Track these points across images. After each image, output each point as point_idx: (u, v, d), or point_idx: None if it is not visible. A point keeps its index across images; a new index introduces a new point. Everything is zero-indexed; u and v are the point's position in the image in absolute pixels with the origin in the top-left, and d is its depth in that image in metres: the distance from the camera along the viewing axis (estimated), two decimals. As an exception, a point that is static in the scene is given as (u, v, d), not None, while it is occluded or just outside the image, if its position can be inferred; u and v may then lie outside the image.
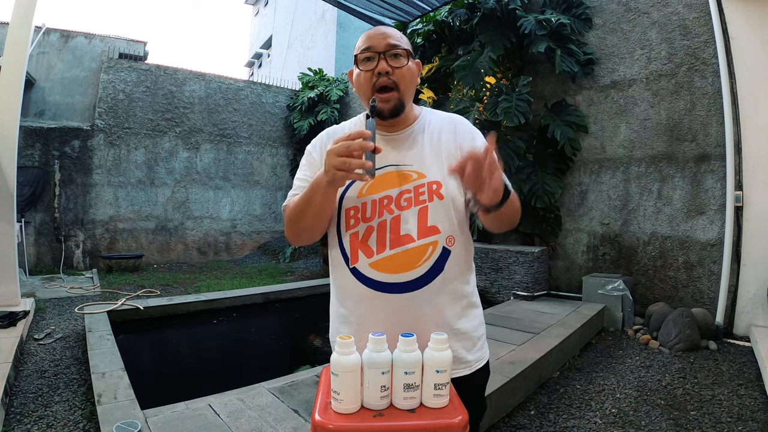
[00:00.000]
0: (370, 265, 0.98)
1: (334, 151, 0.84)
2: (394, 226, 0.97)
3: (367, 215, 0.99)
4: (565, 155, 4.68)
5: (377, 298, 0.97)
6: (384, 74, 0.98)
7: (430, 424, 0.82)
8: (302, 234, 1.03)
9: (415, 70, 1.04)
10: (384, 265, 0.97)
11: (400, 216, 0.98)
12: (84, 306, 4.04)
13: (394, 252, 0.96)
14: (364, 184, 1.00)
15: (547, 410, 2.41)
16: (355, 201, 1.00)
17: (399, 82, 0.99)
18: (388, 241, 0.97)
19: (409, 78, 1.01)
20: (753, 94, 3.53)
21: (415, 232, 0.97)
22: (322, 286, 5.44)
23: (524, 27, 4.44)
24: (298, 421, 1.94)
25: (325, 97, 8.69)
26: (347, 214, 1.01)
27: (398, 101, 1.00)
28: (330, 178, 0.86)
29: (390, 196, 0.99)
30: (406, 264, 0.96)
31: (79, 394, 2.46)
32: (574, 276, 4.74)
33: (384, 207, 0.99)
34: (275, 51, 16.77)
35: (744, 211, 3.57)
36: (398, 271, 0.96)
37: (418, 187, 0.99)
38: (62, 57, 8.55)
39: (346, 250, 1.01)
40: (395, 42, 1.00)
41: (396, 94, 0.99)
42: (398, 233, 0.97)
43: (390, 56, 0.99)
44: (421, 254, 0.97)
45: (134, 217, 7.69)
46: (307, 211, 0.97)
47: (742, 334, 3.52)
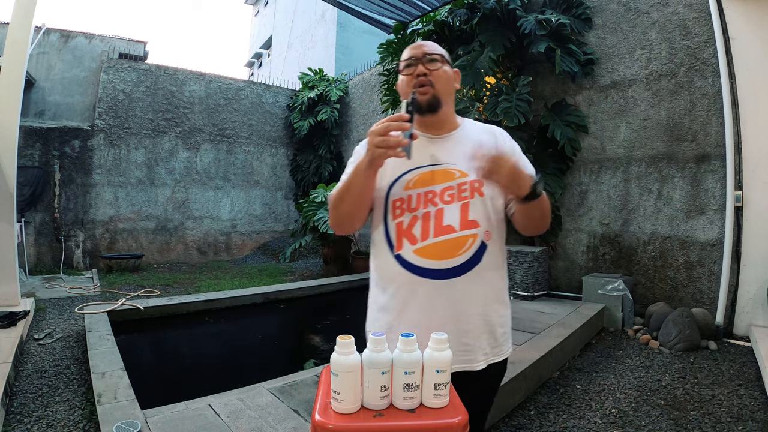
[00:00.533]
0: (414, 251, 1.07)
1: (375, 131, 0.95)
2: (438, 217, 1.07)
3: (412, 206, 1.09)
4: (565, 155, 4.68)
5: (419, 283, 1.06)
6: (422, 75, 1.11)
7: (430, 424, 0.82)
8: (343, 220, 1.13)
9: (450, 74, 1.17)
10: (427, 252, 1.06)
11: (443, 209, 1.07)
12: (84, 306, 4.04)
13: (438, 240, 1.06)
14: (411, 178, 1.11)
15: (547, 410, 2.41)
16: (401, 193, 1.11)
17: (435, 82, 1.12)
18: (432, 230, 1.06)
19: (444, 79, 1.14)
20: (753, 94, 3.53)
21: (457, 224, 1.06)
22: (322, 286, 5.45)
23: (524, 27, 4.44)
24: (298, 421, 1.94)
25: (325, 97, 8.69)
26: (393, 205, 1.11)
27: (433, 96, 1.11)
28: (370, 156, 0.96)
29: (434, 191, 1.09)
30: (448, 252, 1.05)
31: (79, 394, 2.46)
32: (574, 276, 4.74)
33: (428, 200, 1.08)
34: (275, 51, 16.77)
35: (744, 211, 3.57)
36: (440, 258, 1.05)
37: (461, 184, 1.09)
38: (62, 57, 8.55)
39: (391, 238, 1.10)
40: (430, 50, 1.15)
41: (431, 89, 1.11)
42: (441, 224, 1.06)
43: (427, 61, 1.13)
44: (461, 244, 1.06)
45: (134, 217, 7.69)
46: (346, 196, 1.07)
47: (742, 334, 3.51)
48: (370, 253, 1.21)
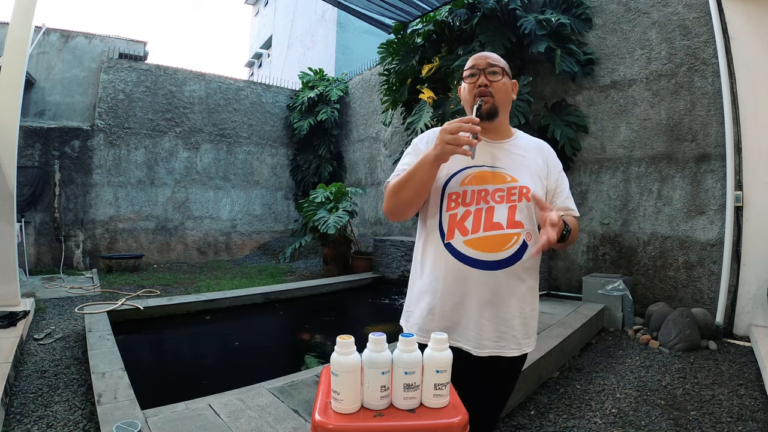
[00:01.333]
0: (464, 242, 1.16)
1: (448, 129, 1.06)
2: (489, 214, 1.17)
3: (467, 201, 1.19)
4: (565, 155, 4.68)
5: (465, 271, 1.16)
6: (483, 86, 1.22)
7: (430, 424, 0.82)
8: (399, 208, 1.23)
9: (509, 86, 1.27)
10: (476, 244, 1.16)
11: (494, 207, 1.17)
12: (84, 306, 4.04)
13: (487, 234, 1.16)
14: (467, 175, 1.21)
15: (547, 410, 2.41)
16: (457, 188, 1.21)
17: (495, 93, 1.23)
18: (483, 224, 1.16)
19: (504, 91, 1.25)
20: (753, 94, 3.53)
21: (505, 222, 1.17)
22: (322, 286, 5.44)
23: (524, 27, 4.44)
24: (298, 421, 1.94)
25: (325, 97, 8.69)
26: (449, 198, 1.21)
27: (493, 105, 1.23)
28: (439, 150, 1.07)
29: (487, 189, 1.19)
30: (495, 246, 1.15)
31: (79, 394, 2.46)
32: (574, 276, 4.74)
33: (481, 197, 1.19)
34: (275, 51, 16.76)
35: (744, 211, 3.57)
36: (488, 251, 1.15)
37: (511, 188, 1.19)
38: (62, 57, 8.54)
39: (444, 228, 1.20)
40: (493, 62, 1.25)
41: (491, 99, 1.22)
42: (491, 220, 1.16)
43: (489, 72, 1.23)
44: (507, 240, 1.16)
45: (134, 217, 7.70)
46: (408, 185, 1.17)
47: (742, 334, 3.52)
48: (416, 240, 1.31)
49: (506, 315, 1.17)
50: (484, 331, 1.16)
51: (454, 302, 1.18)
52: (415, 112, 5.41)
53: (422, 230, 1.28)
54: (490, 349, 1.17)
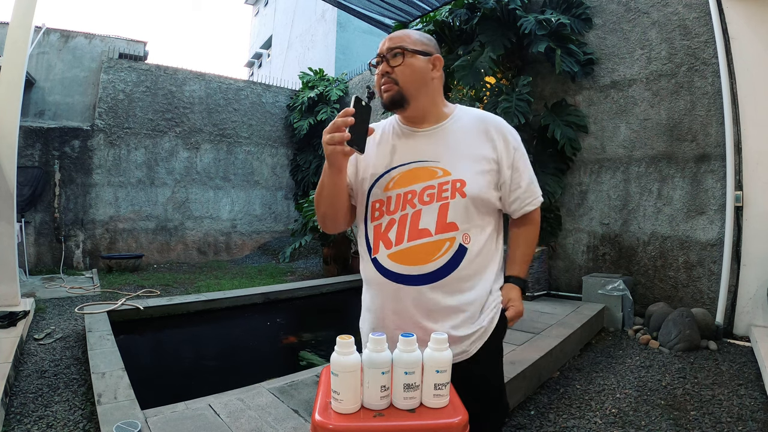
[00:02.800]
0: (388, 256, 1.03)
1: (326, 129, 0.94)
2: (414, 220, 1.02)
3: (391, 208, 1.05)
4: (565, 155, 4.68)
5: (393, 288, 1.03)
6: (384, 74, 1.08)
7: (430, 424, 0.82)
8: (325, 220, 1.13)
9: (419, 65, 1.08)
10: (401, 257, 1.02)
11: (421, 210, 1.03)
12: (84, 306, 4.04)
13: (411, 245, 1.01)
14: (390, 179, 1.07)
15: (547, 410, 2.41)
16: (381, 195, 1.07)
17: (398, 78, 1.06)
18: (407, 234, 1.02)
19: (409, 73, 1.07)
20: (753, 94, 3.52)
21: (433, 227, 1.02)
22: (322, 286, 5.44)
23: (524, 27, 4.44)
24: (298, 421, 1.94)
25: (325, 97, 8.68)
26: (373, 207, 1.08)
27: (396, 92, 1.07)
28: (327, 155, 0.95)
29: (414, 191, 1.04)
30: (422, 257, 1.01)
31: (79, 394, 2.46)
32: (574, 276, 4.74)
33: (407, 201, 1.04)
34: (275, 51, 16.76)
35: (744, 211, 3.57)
36: (414, 263, 1.01)
37: (443, 183, 1.03)
38: (62, 57, 8.55)
39: (369, 241, 1.08)
40: (393, 44, 1.08)
41: (394, 86, 1.07)
42: (417, 227, 1.02)
43: (391, 56, 1.07)
44: (437, 249, 1.01)
45: (134, 217, 7.69)
46: (321, 197, 1.07)
47: (742, 334, 3.51)
48: None
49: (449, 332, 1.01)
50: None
51: (391, 322, 1.05)
52: (415, 112, 5.40)
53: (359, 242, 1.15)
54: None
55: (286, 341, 3.64)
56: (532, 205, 1.16)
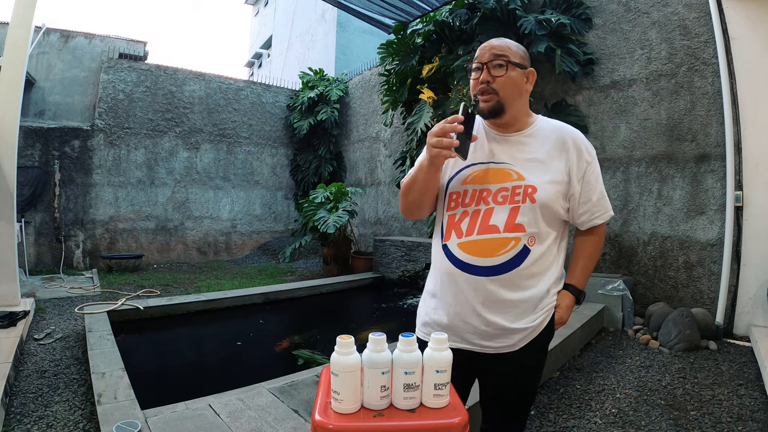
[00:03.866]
0: (458, 244, 1.12)
1: (432, 132, 1.02)
2: (486, 216, 1.10)
3: (466, 201, 1.14)
4: (565, 155, 4.67)
5: (458, 275, 1.11)
6: (485, 83, 1.13)
7: (430, 424, 0.82)
8: (411, 208, 1.22)
9: (517, 78, 1.15)
10: (469, 247, 1.10)
11: (494, 209, 1.10)
12: (84, 306, 4.04)
13: (480, 238, 1.10)
14: (469, 174, 1.15)
15: (547, 410, 2.41)
16: (458, 187, 1.16)
17: (499, 89, 1.13)
18: (478, 227, 1.10)
19: (510, 85, 1.13)
20: (753, 94, 3.52)
21: (502, 225, 1.09)
22: (322, 286, 5.44)
23: (524, 27, 4.44)
24: (298, 421, 1.94)
25: (325, 97, 8.68)
26: (450, 197, 1.17)
27: (497, 103, 1.13)
28: (428, 155, 1.04)
29: (489, 189, 1.12)
30: (488, 251, 1.09)
31: (79, 394, 2.46)
32: (574, 276, 4.73)
33: (482, 198, 1.12)
34: (275, 51, 16.76)
35: (744, 211, 3.57)
36: (480, 255, 1.09)
37: (516, 187, 1.11)
38: (62, 57, 8.54)
39: (443, 228, 1.17)
40: (498, 52, 1.13)
41: (495, 97, 1.13)
42: (487, 223, 1.10)
43: (493, 66, 1.13)
44: (503, 245, 1.09)
45: (134, 217, 7.69)
46: (413, 188, 1.16)
47: (742, 334, 3.51)
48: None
49: (502, 323, 1.11)
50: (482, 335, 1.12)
51: (450, 304, 1.14)
52: (415, 113, 5.41)
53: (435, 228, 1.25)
54: (492, 349, 1.13)
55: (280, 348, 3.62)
56: (601, 218, 1.23)
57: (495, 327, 1.11)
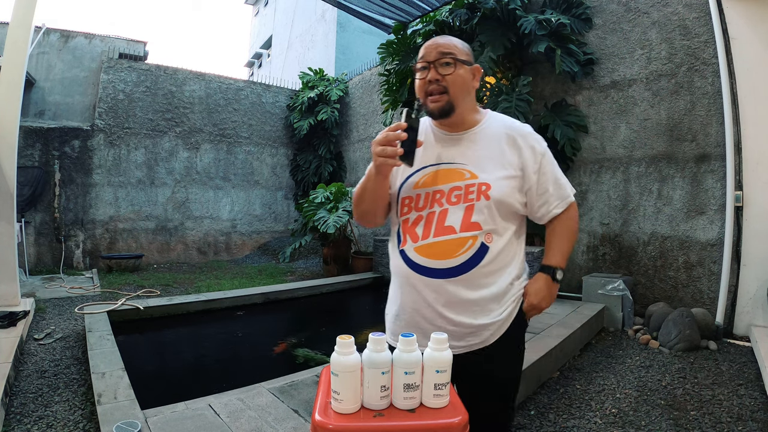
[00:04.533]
0: (414, 249, 1.11)
1: (376, 141, 1.01)
2: (441, 217, 1.09)
3: (419, 205, 1.13)
4: (565, 155, 4.68)
5: (417, 279, 1.10)
6: (434, 82, 1.11)
7: (430, 424, 0.82)
8: (364, 216, 1.22)
9: (466, 76, 1.14)
10: (426, 251, 1.09)
11: (448, 209, 1.10)
12: (84, 306, 4.04)
13: (437, 240, 1.09)
14: (420, 178, 1.14)
15: (547, 410, 2.41)
16: (410, 192, 1.15)
17: (449, 87, 1.11)
18: (433, 229, 1.09)
19: (459, 83, 1.12)
20: (753, 94, 3.53)
21: (458, 225, 1.08)
22: (322, 286, 5.44)
23: (524, 27, 4.44)
24: (298, 421, 1.94)
25: (325, 97, 8.69)
26: (402, 203, 1.16)
27: (446, 103, 1.12)
28: (376, 165, 1.03)
29: (442, 190, 1.11)
30: (446, 252, 1.08)
31: (79, 394, 2.46)
32: (574, 276, 4.74)
33: (435, 200, 1.11)
34: (275, 51, 16.76)
35: (744, 211, 3.57)
36: (438, 258, 1.08)
37: (469, 186, 1.10)
38: (62, 57, 8.54)
39: (399, 234, 1.16)
40: (445, 50, 1.11)
41: (445, 96, 1.11)
42: (443, 224, 1.09)
43: (440, 65, 1.11)
44: (460, 246, 1.08)
45: (134, 217, 7.69)
46: (364, 196, 1.16)
47: (742, 334, 3.52)
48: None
49: (468, 321, 1.09)
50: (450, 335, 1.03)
51: (412, 309, 1.12)
52: (415, 112, 5.40)
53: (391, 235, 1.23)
54: (463, 348, 1.10)
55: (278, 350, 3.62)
56: (559, 207, 1.19)
57: (462, 326, 1.10)
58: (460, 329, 1.09)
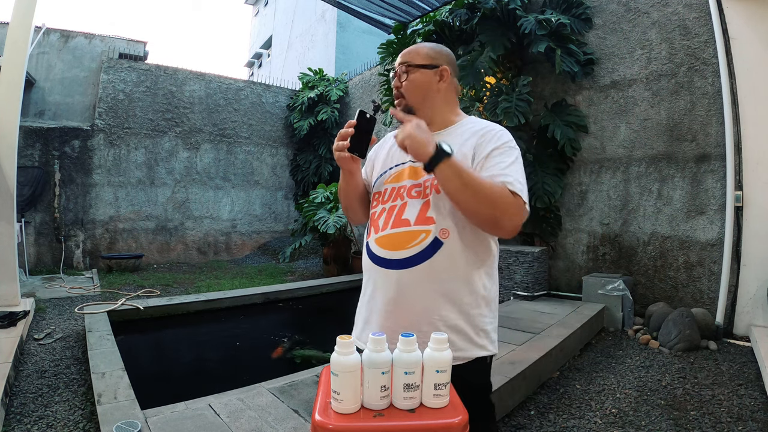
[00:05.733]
0: (375, 240, 1.16)
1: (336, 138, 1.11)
2: (400, 211, 1.14)
3: (384, 198, 1.19)
4: (565, 155, 4.68)
5: (376, 271, 1.14)
6: (396, 89, 1.21)
7: (430, 424, 0.82)
8: (346, 212, 1.32)
9: (423, 79, 1.18)
10: (383, 242, 1.14)
11: (407, 203, 1.14)
12: (84, 306, 4.04)
13: (393, 232, 1.13)
14: (390, 174, 1.22)
15: (547, 410, 2.41)
16: (380, 187, 1.23)
17: (405, 93, 1.20)
18: (392, 221, 1.14)
19: (413, 88, 1.19)
20: (753, 94, 3.53)
21: (413, 219, 1.12)
22: (322, 286, 5.45)
23: (524, 27, 4.44)
24: (298, 421, 1.94)
25: (325, 97, 8.69)
26: (373, 197, 1.24)
27: (404, 106, 1.20)
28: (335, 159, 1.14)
29: (404, 185, 1.17)
30: (399, 243, 1.11)
31: (79, 394, 2.46)
32: (574, 276, 4.74)
33: (398, 194, 1.17)
34: (275, 51, 16.76)
35: (744, 211, 3.57)
36: (392, 249, 1.11)
37: (427, 181, 1.14)
38: (62, 57, 8.55)
39: (368, 227, 1.22)
40: (403, 59, 1.21)
41: (403, 101, 1.21)
42: (400, 217, 1.13)
43: (401, 72, 1.20)
44: (413, 238, 1.10)
45: (134, 217, 7.69)
46: (341, 193, 1.27)
47: (742, 334, 3.51)
48: None
49: (412, 319, 1.06)
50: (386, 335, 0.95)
51: (366, 299, 1.18)
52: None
53: None
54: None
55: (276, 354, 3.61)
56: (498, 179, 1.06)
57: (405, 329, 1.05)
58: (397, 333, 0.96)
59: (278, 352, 3.63)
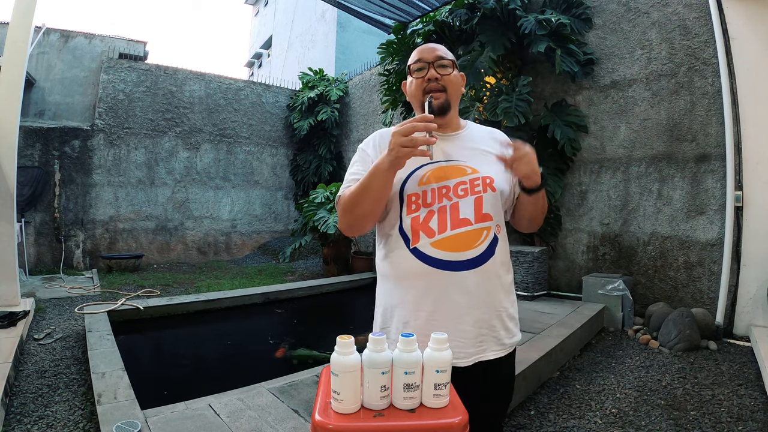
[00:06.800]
0: (431, 244, 1.08)
1: (401, 131, 0.97)
2: (453, 211, 1.10)
3: (427, 201, 1.11)
4: (565, 155, 4.68)
5: (436, 274, 1.07)
6: (434, 80, 1.16)
7: (430, 424, 0.82)
8: (357, 222, 1.13)
9: (459, 80, 1.22)
10: (445, 244, 1.08)
11: (459, 203, 1.11)
12: (84, 306, 4.04)
13: (455, 232, 1.08)
14: (424, 174, 1.14)
15: (547, 410, 2.41)
16: (416, 188, 1.13)
17: (447, 86, 1.17)
18: (449, 222, 1.09)
19: (455, 84, 1.19)
20: (753, 94, 3.53)
21: (472, 217, 1.10)
22: (322, 286, 5.45)
23: (524, 27, 4.44)
24: (298, 421, 1.94)
25: (325, 97, 8.69)
26: (409, 200, 1.13)
27: (445, 100, 1.17)
28: (393, 156, 0.98)
29: (448, 186, 1.12)
30: (465, 244, 1.08)
31: (79, 394, 2.46)
32: (574, 276, 4.74)
33: (443, 195, 1.11)
34: (275, 51, 16.76)
35: (744, 211, 3.57)
36: (458, 250, 1.08)
37: (474, 179, 1.13)
38: (62, 57, 8.55)
39: (406, 233, 1.11)
40: (442, 54, 1.19)
41: (444, 94, 1.16)
42: (458, 216, 1.10)
43: (438, 66, 1.17)
44: (477, 236, 1.10)
45: (134, 217, 7.69)
46: (365, 197, 1.07)
47: (742, 334, 3.51)
48: (377, 251, 1.21)
49: (486, 317, 1.10)
50: (466, 338, 1.07)
51: (428, 311, 1.08)
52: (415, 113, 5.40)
53: (382, 240, 1.18)
54: (474, 356, 1.08)
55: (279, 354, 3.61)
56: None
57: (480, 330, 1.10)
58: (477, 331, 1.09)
59: (281, 353, 3.63)
